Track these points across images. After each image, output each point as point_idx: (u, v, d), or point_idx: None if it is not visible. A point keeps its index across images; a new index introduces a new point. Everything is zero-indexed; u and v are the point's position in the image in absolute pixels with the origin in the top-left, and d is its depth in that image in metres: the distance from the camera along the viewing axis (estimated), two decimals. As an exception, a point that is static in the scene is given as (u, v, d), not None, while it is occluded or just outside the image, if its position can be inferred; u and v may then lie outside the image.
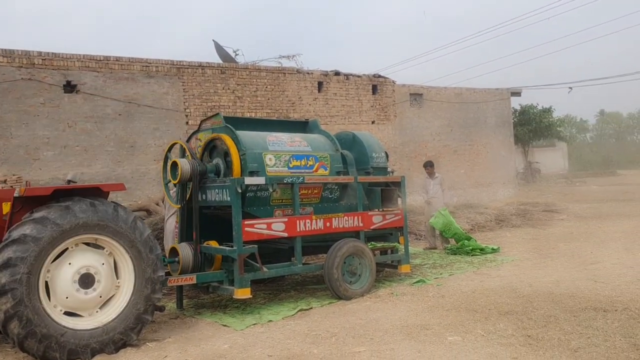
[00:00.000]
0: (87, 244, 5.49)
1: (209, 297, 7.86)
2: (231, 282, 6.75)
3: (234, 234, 6.64)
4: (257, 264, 6.82)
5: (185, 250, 6.90)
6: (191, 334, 6.01)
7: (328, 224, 7.47)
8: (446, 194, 11.86)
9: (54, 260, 5.26)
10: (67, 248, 5.34)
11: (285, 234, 7.11)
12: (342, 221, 7.64)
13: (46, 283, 5.21)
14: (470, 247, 10.44)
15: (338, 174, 7.88)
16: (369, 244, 8.24)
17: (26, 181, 7.47)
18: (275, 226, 7.03)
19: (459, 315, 6.07)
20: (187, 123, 13.09)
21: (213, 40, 18.00)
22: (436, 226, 11.12)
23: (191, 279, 6.60)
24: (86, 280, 5.36)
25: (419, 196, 12.47)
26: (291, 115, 14.79)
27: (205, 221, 7.32)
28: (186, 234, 7.33)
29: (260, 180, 6.97)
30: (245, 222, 6.72)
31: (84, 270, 5.36)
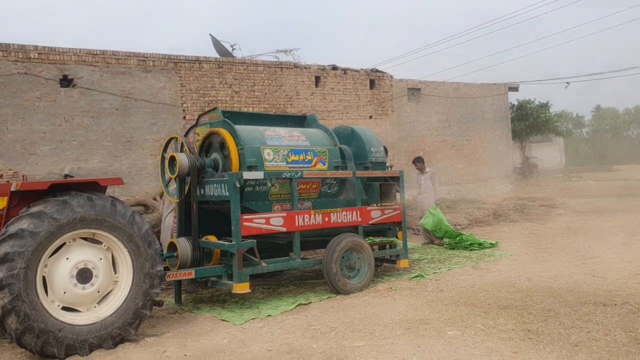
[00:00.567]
0: (85, 239, 5.46)
1: (207, 292, 7.84)
2: (230, 277, 6.73)
3: (232, 228, 6.62)
4: (256, 259, 6.80)
5: (184, 245, 6.87)
6: (190, 328, 5.99)
7: (326, 219, 7.46)
8: (437, 190, 11.38)
9: (51, 255, 5.22)
10: (65, 243, 5.30)
11: (284, 229, 7.09)
12: (341, 216, 7.62)
13: (44, 278, 5.18)
14: (469, 242, 10.43)
15: (336, 168, 7.85)
16: (367, 239, 8.23)
17: (23, 175, 7.41)
18: (274, 221, 7.01)
19: (458, 310, 6.06)
20: (185, 118, 13.03)
21: (210, 34, 17.94)
22: (427, 226, 10.99)
23: (190, 273, 6.58)
24: (84, 275, 5.32)
25: (415, 192, 12.43)
26: (288, 110, 14.73)
27: (204, 216, 7.29)
28: (185, 229, 7.30)
29: (258, 174, 6.94)
30: (244, 217, 6.69)
31: (81, 265, 5.32)
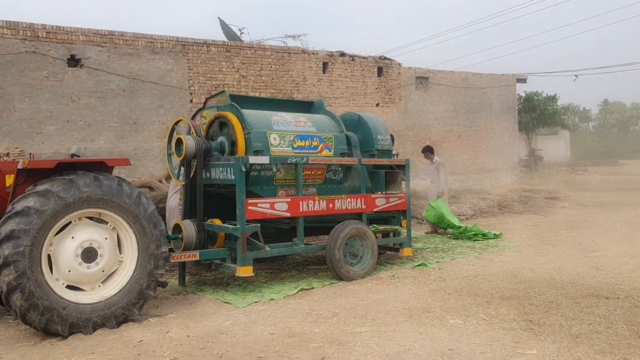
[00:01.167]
0: (91, 218, 5.47)
1: (211, 275, 7.88)
2: (234, 260, 6.75)
3: (237, 212, 6.63)
4: (260, 243, 6.82)
5: (189, 227, 6.89)
6: (193, 310, 6.03)
7: (331, 205, 7.46)
8: (443, 180, 11.23)
9: (57, 233, 5.24)
10: (70, 222, 5.32)
11: (288, 214, 7.10)
12: (345, 203, 7.62)
13: (49, 256, 5.20)
14: (473, 233, 10.44)
15: (342, 155, 7.84)
16: (371, 227, 8.23)
17: (30, 153, 7.43)
18: (279, 206, 7.02)
19: (460, 299, 6.08)
20: (191, 101, 13.03)
21: (219, 17, 17.89)
22: (429, 219, 11.03)
23: (194, 255, 6.60)
24: (89, 254, 5.34)
25: (421, 180, 12.41)
26: (295, 96, 14.70)
27: (209, 199, 7.31)
28: (190, 212, 7.32)
29: (264, 159, 6.94)
30: (249, 201, 6.70)
31: (87, 244, 5.34)
